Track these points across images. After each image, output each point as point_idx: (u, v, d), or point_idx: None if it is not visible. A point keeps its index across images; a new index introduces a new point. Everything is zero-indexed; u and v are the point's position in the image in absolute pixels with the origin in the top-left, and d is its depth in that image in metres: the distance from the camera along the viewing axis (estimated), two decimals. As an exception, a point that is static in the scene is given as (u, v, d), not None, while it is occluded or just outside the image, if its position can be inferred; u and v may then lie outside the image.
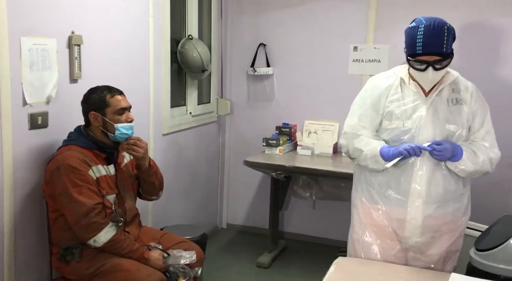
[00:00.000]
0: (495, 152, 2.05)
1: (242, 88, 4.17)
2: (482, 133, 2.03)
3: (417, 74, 1.95)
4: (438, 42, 1.87)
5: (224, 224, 4.38)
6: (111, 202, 2.24)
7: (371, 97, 2.07)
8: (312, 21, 3.89)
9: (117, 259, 2.15)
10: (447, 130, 1.98)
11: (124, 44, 2.82)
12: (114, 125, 2.20)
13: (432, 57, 1.88)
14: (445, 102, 2.00)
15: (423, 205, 2.00)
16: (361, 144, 2.06)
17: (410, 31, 1.94)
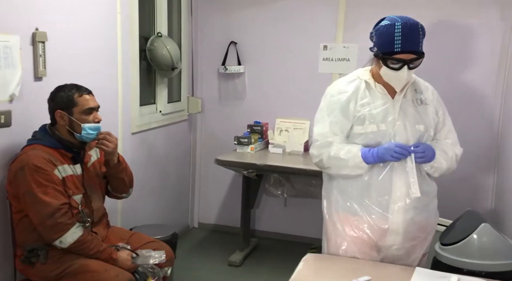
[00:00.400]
0: (458, 148, 2.07)
1: (213, 86, 4.16)
2: (445, 131, 2.04)
3: (391, 74, 1.88)
4: (416, 40, 1.84)
5: (196, 223, 4.36)
6: (77, 202, 2.20)
7: (340, 103, 1.98)
8: (283, 20, 3.90)
9: (84, 260, 2.12)
10: (418, 131, 1.96)
11: (91, 41, 2.77)
12: (81, 125, 2.17)
13: (409, 55, 1.85)
14: (411, 103, 1.98)
15: (403, 211, 1.95)
16: (339, 152, 1.96)
17: (385, 29, 1.87)
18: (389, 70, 1.88)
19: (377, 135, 1.94)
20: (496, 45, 3.45)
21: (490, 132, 3.53)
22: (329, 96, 2.04)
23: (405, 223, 1.95)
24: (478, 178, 3.58)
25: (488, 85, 3.50)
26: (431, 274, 1.71)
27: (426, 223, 2.04)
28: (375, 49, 1.92)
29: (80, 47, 2.69)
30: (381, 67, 1.90)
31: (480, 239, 2.44)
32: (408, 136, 1.94)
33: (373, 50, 1.94)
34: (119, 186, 2.46)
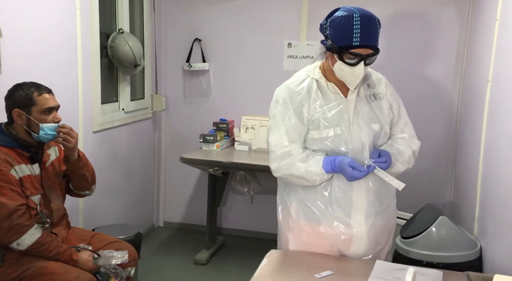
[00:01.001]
0: (415, 142, 1.96)
1: (178, 83, 4.12)
2: (401, 125, 1.93)
3: (346, 70, 1.73)
4: (375, 34, 1.72)
5: (161, 222, 4.32)
6: (36, 203, 2.15)
7: (293, 106, 1.83)
8: (247, 17, 3.91)
9: (43, 262, 2.07)
10: (373, 131, 1.84)
11: (49, 38, 2.70)
12: (39, 125, 2.10)
13: (367, 50, 1.71)
14: (365, 101, 1.85)
15: (365, 217, 1.85)
16: (299, 171, 1.81)
17: (342, 21, 1.71)
18: (344, 66, 1.73)
19: (333, 141, 1.82)
20: (453, 39, 3.55)
21: (448, 127, 3.64)
22: (281, 101, 1.86)
23: (367, 228, 1.86)
24: (437, 172, 3.68)
25: (447, 79, 3.60)
26: (390, 266, 1.74)
27: (387, 226, 1.97)
28: (329, 43, 1.75)
29: (38, 43, 2.61)
30: (335, 62, 1.75)
31: (439, 232, 2.53)
32: (363, 139, 1.82)
33: (326, 44, 1.78)
34: (81, 183, 2.40)
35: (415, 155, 1.96)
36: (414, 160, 1.96)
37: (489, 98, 2.63)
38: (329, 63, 1.81)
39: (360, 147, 1.82)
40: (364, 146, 1.83)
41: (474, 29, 3.30)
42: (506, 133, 2.27)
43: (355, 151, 1.82)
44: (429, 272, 1.71)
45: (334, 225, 1.85)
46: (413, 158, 1.94)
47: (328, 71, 1.85)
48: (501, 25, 2.53)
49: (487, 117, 2.65)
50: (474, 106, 3.00)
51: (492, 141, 2.51)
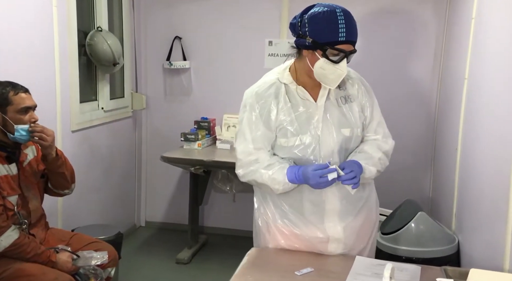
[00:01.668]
0: (389, 143, 1.88)
1: (158, 82, 4.09)
2: (374, 126, 1.85)
3: (329, 68, 1.65)
4: (356, 30, 1.68)
5: (143, 222, 4.28)
6: (13, 204, 2.11)
7: (260, 112, 1.77)
8: (228, 15, 3.89)
9: (21, 264, 2.05)
10: (343, 136, 1.78)
11: (24, 36, 2.65)
12: (14, 126, 2.07)
13: (350, 46, 1.66)
14: (335, 104, 1.78)
15: (339, 220, 1.82)
16: (262, 178, 1.76)
17: (325, 16, 1.64)
18: (327, 64, 1.65)
19: (301, 150, 1.76)
20: (431, 37, 3.59)
21: (427, 125, 3.69)
22: (248, 106, 1.80)
23: (343, 229, 1.83)
24: (417, 169, 3.73)
25: (425, 77, 3.64)
26: (370, 262, 1.76)
27: (366, 224, 1.90)
28: (308, 40, 1.65)
29: (13, 41, 2.57)
30: (316, 60, 1.67)
31: (418, 227, 2.57)
32: (333, 146, 1.77)
33: (304, 42, 1.67)
34: (60, 181, 2.36)
35: (388, 155, 1.87)
36: (387, 160, 1.87)
37: (466, 96, 2.67)
38: (306, 63, 1.71)
39: (330, 155, 1.77)
40: (334, 153, 1.77)
41: (451, 27, 3.35)
42: (482, 130, 2.31)
43: (325, 159, 1.76)
44: (407, 267, 1.73)
45: (309, 227, 1.83)
46: (386, 159, 1.86)
47: (302, 72, 1.76)
48: (476, 23, 2.57)
49: (464, 114, 2.69)
50: (452, 104, 3.05)
51: (469, 138, 2.56)
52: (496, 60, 2.16)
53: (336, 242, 1.85)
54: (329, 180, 1.65)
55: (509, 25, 2.01)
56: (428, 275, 1.66)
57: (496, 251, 1.92)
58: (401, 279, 1.61)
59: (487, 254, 2.09)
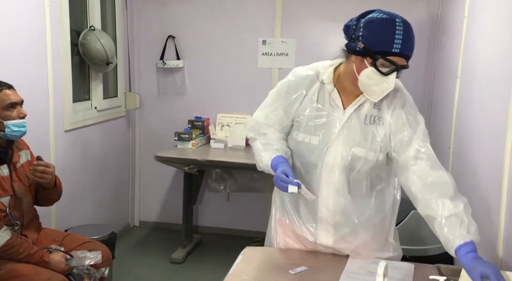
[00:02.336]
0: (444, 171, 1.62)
1: (152, 81, 4.08)
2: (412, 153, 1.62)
3: (376, 78, 1.54)
4: (413, 44, 1.56)
5: (137, 221, 4.27)
6: (5, 205, 2.09)
7: (286, 95, 1.73)
8: (222, 14, 3.89)
9: (13, 264, 2.04)
10: (352, 153, 1.66)
11: (17, 35, 2.64)
12: (4, 122, 2.05)
13: (403, 60, 1.54)
14: (361, 119, 1.66)
15: (333, 229, 1.75)
16: (255, 150, 1.76)
17: (382, 23, 1.53)
18: (375, 74, 1.53)
19: (306, 150, 1.70)
20: (425, 36, 3.60)
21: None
22: (280, 86, 1.77)
23: (334, 240, 1.77)
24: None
25: (418, 76, 3.65)
26: (363, 260, 1.76)
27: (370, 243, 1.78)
28: (360, 46, 1.54)
29: (5, 41, 2.55)
30: (363, 68, 1.56)
31: (411, 226, 2.58)
32: (338, 159, 1.66)
33: (355, 47, 1.56)
34: (48, 202, 2.40)
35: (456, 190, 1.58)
36: (459, 196, 1.57)
37: (458, 94, 2.69)
38: (352, 69, 1.60)
39: (331, 166, 1.67)
40: (334, 167, 1.67)
41: (444, 26, 3.37)
42: (475, 128, 2.32)
43: (326, 167, 1.68)
44: (400, 265, 1.74)
45: (302, 228, 1.81)
46: (459, 198, 1.55)
47: (346, 77, 1.65)
48: (469, 22, 2.58)
49: (456, 113, 2.71)
50: (445, 102, 3.07)
51: (462, 136, 2.57)
52: (489, 59, 2.17)
53: (325, 249, 1.81)
54: (287, 190, 1.56)
55: (501, 24, 2.02)
56: (421, 273, 1.67)
57: (488, 249, 1.93)
58: (394, 277, 1.62)
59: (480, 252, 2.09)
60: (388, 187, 1.78)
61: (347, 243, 1.78)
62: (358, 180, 1.70)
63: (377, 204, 1.75)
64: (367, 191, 1.73)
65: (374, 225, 1.77)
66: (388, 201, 1.79)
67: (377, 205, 1.75)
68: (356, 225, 1.74)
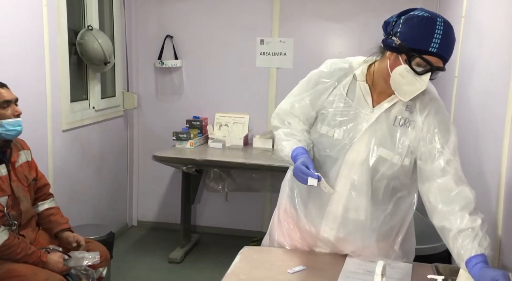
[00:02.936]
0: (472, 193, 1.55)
1: (150, 81, 4.07)
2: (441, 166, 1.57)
3: (409, 77, 1.50)
4: (452, 46, 1.50)
5: (135, 221, 4.27)
6: (2, 205, 2.09)
7: (315, 86, 1.69)
8: (220, 13, 3.89)
9: (11, 264, 2.03)
10: (377, 155, 1.61)
11: (14, 35, 2.63)
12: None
13: (439, 61, 1.47)
14: (391, 120, 1.61)
15: (339, 226, 1.72)
16: (278, 139, 1.73)
17: (423, 22, 1.47)
18: (408, 73, 1.49)
19: (329, 143, 1.65)
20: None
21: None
22: (311, 76, 1.73)
23: (336, 237, 1.75)
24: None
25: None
26: (362, 261, 1.76)
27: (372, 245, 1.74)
28: (397, 42, 1.50)
29: (3, 41, 2.54)
30: (397, 65, 1.51)
31: (409, 225, 2.57)
32: (360, 157, 1.62)
33: (392, 43, 1.51)
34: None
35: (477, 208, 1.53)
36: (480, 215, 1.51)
37: (456, 93, 2.69)
38: (386, 65, 1.56)
39: (352, 165, 1.63)
40: (355, 165, 1.62)
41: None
42: (471, 129, 2.33)
43: (346, 164, 1.64)
44: (398, 264, 1.74)
45: (306, 219, 1.78)
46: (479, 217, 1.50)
47: (379, 74, 1.61)
48: (466, 22, 2.59)
49: (454, 112, 2.71)
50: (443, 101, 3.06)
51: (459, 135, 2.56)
52: (486, 58, 2.18)
53: (324, 247, 1.80)
54: (306, 182, 1.53)
55: (498, 23, 2.02)
56: (419, 273, 1.67)
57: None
58: (392, 277, 1.62)
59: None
60: (409, 195, 1.73)
61: (349, 243, 1.75)
62: (380, 183, 1.64)
63: (392, 211, 1.70)
64: (386, 196, 1.67)
65: (382, 231, 1.72)
66: (403, 210, 1.73)
67: (392, 212, 1.70)
68: (365, 228, 1.70)
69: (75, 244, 2.26)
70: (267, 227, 2.06)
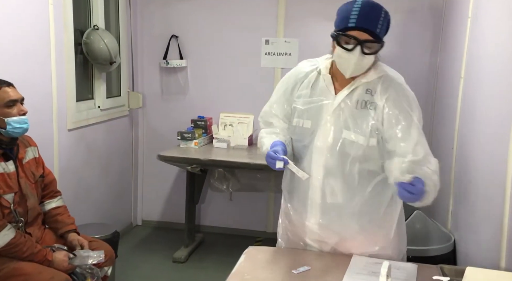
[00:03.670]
0: (432, 161, 1.68)
1: (155, 80, 4.08)
2: (411, 146, 1.67)
3: (343, 55, 1.64)
4: (374, 19, 1.61)
5: (139, 220, 4.28)
6: (9, 202, 2.10)
7: (287, 84, 1.86)
8: (225, 14, 3.89)
9: (17, 263, 2.04)
10: (343, 138, 1.71)
11: (21, 34, 2.64)
12: (5, 119, 2.06)
13: (363, 34, 1.60)
14: (353, 104, 1.72)
15: (321, 211, 1.80)
16: (260, 136, 1.90)
17: (344, 7, 1.67)
18: (342, 52, 1.64)
19: (300, 132, 1.80)
20: (428, 36, 3.59)
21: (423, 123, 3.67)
22: (287, 76, 1.89)
23: (320, 225, 1.81)
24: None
25: (422, 76, 3.64)
26: (367, 261, 1.76)
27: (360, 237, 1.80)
28: (334, 31, 1.70)
29: (10, 40, 2.55)
30: (335, 49, 1.69)
31: (414, 226, 2.57)
32: (327, 142, 1.73)
33: (332, 34, 1.71)
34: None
35: (438, 175, 1.66)
36: (439, 183, 1.65)
37: (462, 95, 2.68)
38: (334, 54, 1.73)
39: (321, 151, 1.74)
40: (323, 150, 1.74)
41: (448, 26, 3.36)
42: (478, 129, 2.32)
43: (318, 152, 1.75)
44: (404, 265, 1.73)
45: (294, 209, 1.89)
46: (438, 181, 1.65)
47: (334, 64, 1.76)
48: (473, 22, 2.58)
49: (460, 113, 2.70)
50: (448, 103, 3.06)
51: (465, 137, 2.56)
52: (492, 59, 2.17)
53: (313, 234, 1.85)
54: (275, 166, 1.66)
55: (505, 24, 2.02)
56: (424, 274, 1.66)
57: (491, 249, 1.93)
58: (398, 278, 1.62)
59: (483, 253, 2.10)
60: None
61: (332, 232, 1.81)
62: (353, 166, 1.73)
63: (372, 195, 1.76)
64: (363, 179, 1.75)
65: (364, 217, 1.77)
66: (387, 195, 1.78)
67: (372, 196, 1.76)
68: (344, 212, 1.77)
69: (79, 248, 2.26)
70: (271, 227, 2.09)
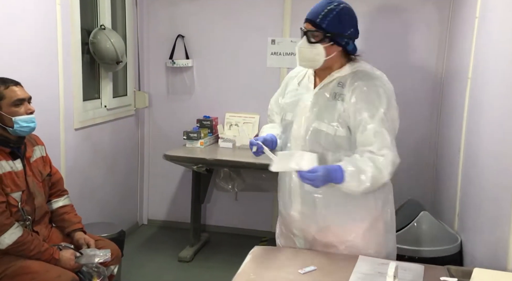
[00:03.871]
0: (384, 153, 1.70)
1: (161, 80, 4.09)
2: (369, 135, 1.72)
3: (297, 47, 1.83)
4: (317, 11, 1.77)
5: (145, 220, 4.29)
6: (16, 200, 2.11)
7: (284, 82, 2.05)
8: (231, 13, 3.89)
9: (24, 261, 2.05)
10: (313, 127, 1.82)
11: (28, 34, 2.65)
12: (12, 118, 2.07)
13: (308, 25, 1.78)
14: (326, 96, 1.82)
15: (300, 199, 1.90)
16: (262, 130, 2.12)
17: None
18: (296, 46, 1.84)
19: (285, 124, 1.95)
20: (434, 36, 3.57)
21: (430, 124, 3.68)
22: (286, 76, 2.07)
23: (300, 213, 1.91)
24: (419, 168, 3.72)
25: (428, 76, 3.63)
26: (373, 261, 1.76)
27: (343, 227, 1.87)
28: None
29: (17, 40, 2.57)
30: None
31: (420, 227, 2.57)
32: (300, 132, 1.86)
33: None
34: None
35: (383, 169, 1.70)
36: (382, 175, 1.71)
37: (469, 95, 2.67)
38: None
39: (297, 139, 1.87)
40: (298, 140, 1.86)
41: (454, 26, 3.35)
42: (485, 130, 2.31)
43: (295, 141, 1.88)
44: (410, 266, 1.73)
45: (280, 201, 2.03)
46: (378, 173, 1.70)
47: None
48: (480, 22, 2.56)
49: (467, 114, 2.69)
50: (455, 103, 3.04)
51: (472, 137, 2.55)
52: (500, 59, 2.15)
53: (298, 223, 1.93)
54: (253, 150, 1.86)
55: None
56: (431, 274, 1.66)
57: (499, 250, 1.92)
58: (404, 278, 1.61)
59: (490, 254, 2.08)
60: None
61: (311, 221, 1.89)
62: (326, 155, 1.82)
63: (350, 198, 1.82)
64: None
65: (339, 207, 1.84)
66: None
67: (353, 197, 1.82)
68: (320, 200, 1.85)
69: (86, 246, 2.27)
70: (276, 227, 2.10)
